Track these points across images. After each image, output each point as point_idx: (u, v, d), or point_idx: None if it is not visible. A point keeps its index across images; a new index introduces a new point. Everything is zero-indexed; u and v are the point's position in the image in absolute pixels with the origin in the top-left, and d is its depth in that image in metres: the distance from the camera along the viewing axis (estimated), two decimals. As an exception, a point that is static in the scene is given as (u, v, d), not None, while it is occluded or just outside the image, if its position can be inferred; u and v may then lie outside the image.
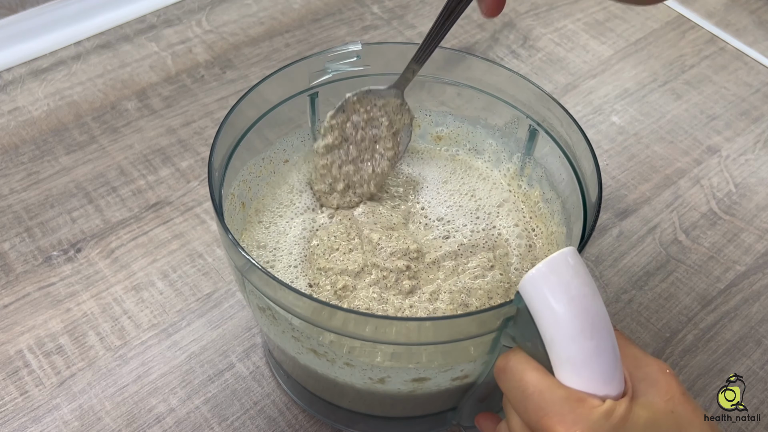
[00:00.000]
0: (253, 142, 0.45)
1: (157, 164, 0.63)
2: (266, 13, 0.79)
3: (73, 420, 0.48)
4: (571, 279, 0.32)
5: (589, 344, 0.32)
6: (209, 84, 0.71)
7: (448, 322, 0.36)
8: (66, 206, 0.60)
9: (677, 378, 0.34)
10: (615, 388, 0.32)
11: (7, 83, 0.69)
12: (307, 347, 0.40)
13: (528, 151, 0.48)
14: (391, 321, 0.36)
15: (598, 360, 0.32)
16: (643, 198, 0.64)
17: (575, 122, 0.43)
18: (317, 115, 0.49)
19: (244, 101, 0.43)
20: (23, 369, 0.50)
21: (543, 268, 0.32)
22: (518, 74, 0.46)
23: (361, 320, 0.35)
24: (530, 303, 0.33)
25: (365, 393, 0.43)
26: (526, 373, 0.33)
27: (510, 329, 0.36)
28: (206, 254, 0.57)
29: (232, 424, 0.49)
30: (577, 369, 0.32)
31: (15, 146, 0.64)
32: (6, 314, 0.53)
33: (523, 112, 0.47)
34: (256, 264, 0.35)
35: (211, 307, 0.54)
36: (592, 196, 0.41)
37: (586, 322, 0.32)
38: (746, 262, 0.60)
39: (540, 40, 0.79)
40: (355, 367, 0.40)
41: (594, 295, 0.32)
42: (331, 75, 0.47)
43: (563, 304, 0.32)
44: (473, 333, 0.36)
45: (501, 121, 0.49)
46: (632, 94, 0.74)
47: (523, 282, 0.33)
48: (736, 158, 0.68)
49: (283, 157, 0.49)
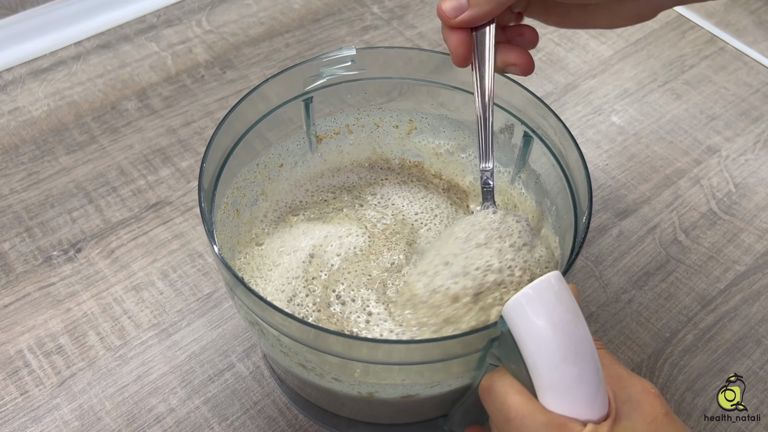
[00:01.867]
0: (245, 149, 0.45)
1: (157, 164, 0.64)
2: (266, 13, 0.79)
3: (73, 420, 0.48)
4: (555, 305, 0.32)
5: (572, 370, 0.32)
6: (209, 84, 0.71)
7: (434, 344, 0.35)
8: (66, 206, 0.60)
9: (662, 398, 0.34)
10: (597, 411, 0.32)
11: (7, 83, 0.69)
12: (296, 362, 0.40)
13: (522, 157, 0.48)
14: (377, 344, 0.36)
15: (581, 386, 0.32)
16: (642, 198, 0.64)
17: (567, 131, 0.43)
18: (311, 119, 0.49)
19: (235, 112, 0.43)
20: (23, 369, 0.50)
21: (527, 293, 0.32)
22: (513, 81, 0.46)
23: (348, 343, 0.35)
24: (514, 328, 0.32)
25: (355, 401, 0.43)
26: (508, 396, 0.33)
27: (495, 349, 0.35)
28: (206, 254, 0.57)
29: (232, 424, 0.49)
30: (559, 395, 0.32)
31: (15, 146, 0.64)
32: (6, 314, 0.53)
33: (518, 118, 0.47)
34: (242, 282, 0.35)
35: (211, 307, 0.54)
36: (583, 205, 0.41)
37: (569, 348, 0.32)
38: (746, 262, 0.60)
39: (540, 40, 0.79)
40: (342, 382, 0.40)
41: (578, 320, 0.32)
42: (326, 80, 0.47)
43: (546, 330, 0.32)
44: (458, 353, 0.36)
45: (496, 127, 0.49)
46: (632, 94, 0.74)
47: (506, 307, 0.32)
48: (735, 158, 0.68)
49: (278, 161, 0.49)
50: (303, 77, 0.46)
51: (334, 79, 0.47)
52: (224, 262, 0.36)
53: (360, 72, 0.47)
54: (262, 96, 0.44)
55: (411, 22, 0.79)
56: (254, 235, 0.47)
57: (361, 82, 0.48)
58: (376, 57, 0.47)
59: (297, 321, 0.34)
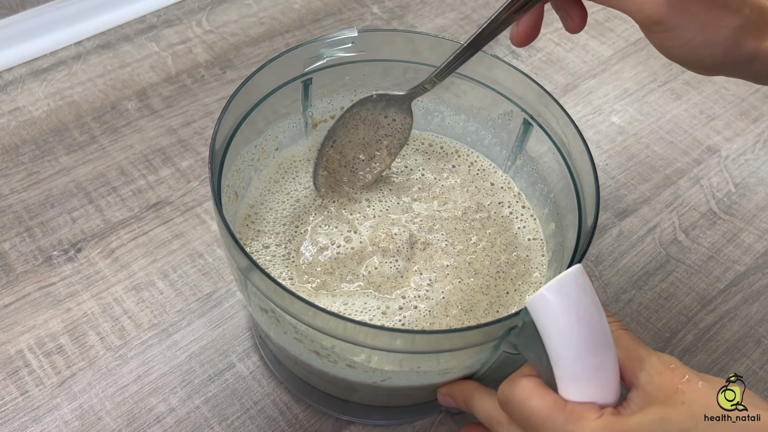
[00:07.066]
0: (246, 131, 0.45)
1: (158, 164, 0.64)
2: (266, 13, 0.79)
3: (73, 420, 0.48)
4: (579, 299, 0.33)
5: (594, 361, 0.33)
6: (209, 84, 0.71)
7: (455, 335, 0.36)
8: (66, 206, 0.60)
9: (681, 369, 0.34)
10: (612, 396, 0.34)
11: (7, 83, 0.69)
12: (310, 349, 0.40)
13: (520, 143, 0.49)
14: (396, 333, 0.37)
15: (601, 375, 0.33)
16: (642, 198, 0.64)
17: (571, 120, 0.43)
18: (309, 101, 0.49)
19: (240, 92, 0.43)
20: (23, 369, 0.50)
21: (553, 287, 0.33)
22: (516, 69, 0.46)
23: (366, 331, 0.35)
24: (538, 321, 0.33)
25: (363, 388, 0.44)
26: (524, 405, 0.35)
27: (513, 338, 0.36)
28: (206, 254, 0.57)
29: (232, 424, 0.49)
30: (580, 384, 0.33)
31: (15, 146, 0.64)
32: (6, 314, 0.53)
33: (519, 106, 0.47)
34: (261, 269, 0.35)
35: (211, 307, 0.54)
36: (587, 195, 0.41)
37: (592, 341, 0.33)
38: (746, 262, 0.60)
39: (540, 40, 0.79)
40: (356, 368, 0.40)
41: (599, 312, 0.33)
42: (326, 60, 0.47)
43: (572, 324, 0.32)
44: (477, 342, 0.36)
45: (495, 113, 0.50)
46: (632, 94, 0.74)
47: (531, 300, 0.33)
48: (735, 158, 0.68)
49: (274, 145, 0.49)
50: (303, 58, 0.46)
51: (333, 60, 0.47)
52: (241, 248, 0.36)
53: (360, 54, 0.47)
54: (262, 78, 0.44)
55: (411, 22, 0.79)
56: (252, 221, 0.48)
57: (361, 63, 0.48)
58: (376, 40, 0.47)
59: (321, 310, 0.34)
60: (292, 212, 0.48)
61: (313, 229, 0.47)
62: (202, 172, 0.63)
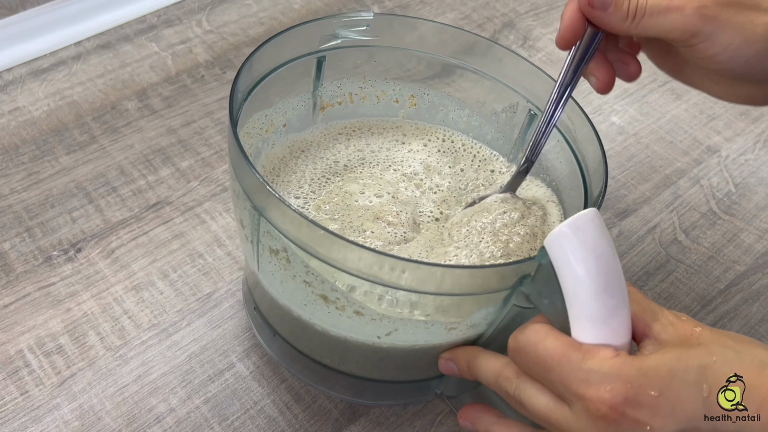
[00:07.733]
0: (260, 96, 0.45)
1: (158, 164, 0.64)
2: (266, 13, 0.79)
3: (73, 420, 0.48)
4: (598, 238, 0.33)
5: (610, 301, 0.33)
6: (209, 84, 0.71)
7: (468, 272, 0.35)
8: (66, 206, 0.60)
9: (693, 321, 0.36)
10: (624, 338, 0.34)
11: (7, 83, 0.69)
12: (318, 293, 0.39)
13: (523, 135, 0.49)
14: (416, 264, 0.36)
15: (616, 316, 0.33)
16: (642, 198, 0.64)
17: (579, 106, 0.44)
18: (321, 80, 0.49)
19: (259, 52, 0.43)
20: (23, 369, 0.50)
21: (572, 224, 0.33)
22: (520, 56, 0.46)
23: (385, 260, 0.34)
24: (555, 259, 0.33)
25: (362, 350, 0.43)
26: (539, 346, 0.35)
27: (526, 287, 0.36)
28: (206, 254, 0.57)
29: (232, 424, 0.49)
30: (596, 325, 0.33)
31: (15, 146, 0.64)
32: (6, 314, 0.53)
33: (524, 96, 0.48)
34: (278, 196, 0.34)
35: (211, 307, 0.54)
36: (593, 179, 0.42)
37: (609, 280, 0.33)
38: (746, 262, 0.60)
39: (540, 40, 0.79)
40: (363, 316, 0.39)
41: (614, 255, 0.33)
42: (340, 41, 0.47)
43: (589, 262, 0.32)
44: (491, 287, 0.36)
45: (498, 107, 0.50)
46: (632, 94, 0.74)
47: (549, 238, 0.33)
48: (735, 158, 0.68)
49: (282, 120, 0.49)
50: (319, 34, 0.46)
51: (347, 42, 0.47)
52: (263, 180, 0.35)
53: (374, 38, 0.47)
54: (278, 45, 0.44)
55: (411, 22, 0.79)
56: None
57: (373, 48, 0.48)
58: (391, 25, 0.47)
59: (341, 239, 0.34)
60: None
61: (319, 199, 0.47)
62: (202, 172, 0.63)
